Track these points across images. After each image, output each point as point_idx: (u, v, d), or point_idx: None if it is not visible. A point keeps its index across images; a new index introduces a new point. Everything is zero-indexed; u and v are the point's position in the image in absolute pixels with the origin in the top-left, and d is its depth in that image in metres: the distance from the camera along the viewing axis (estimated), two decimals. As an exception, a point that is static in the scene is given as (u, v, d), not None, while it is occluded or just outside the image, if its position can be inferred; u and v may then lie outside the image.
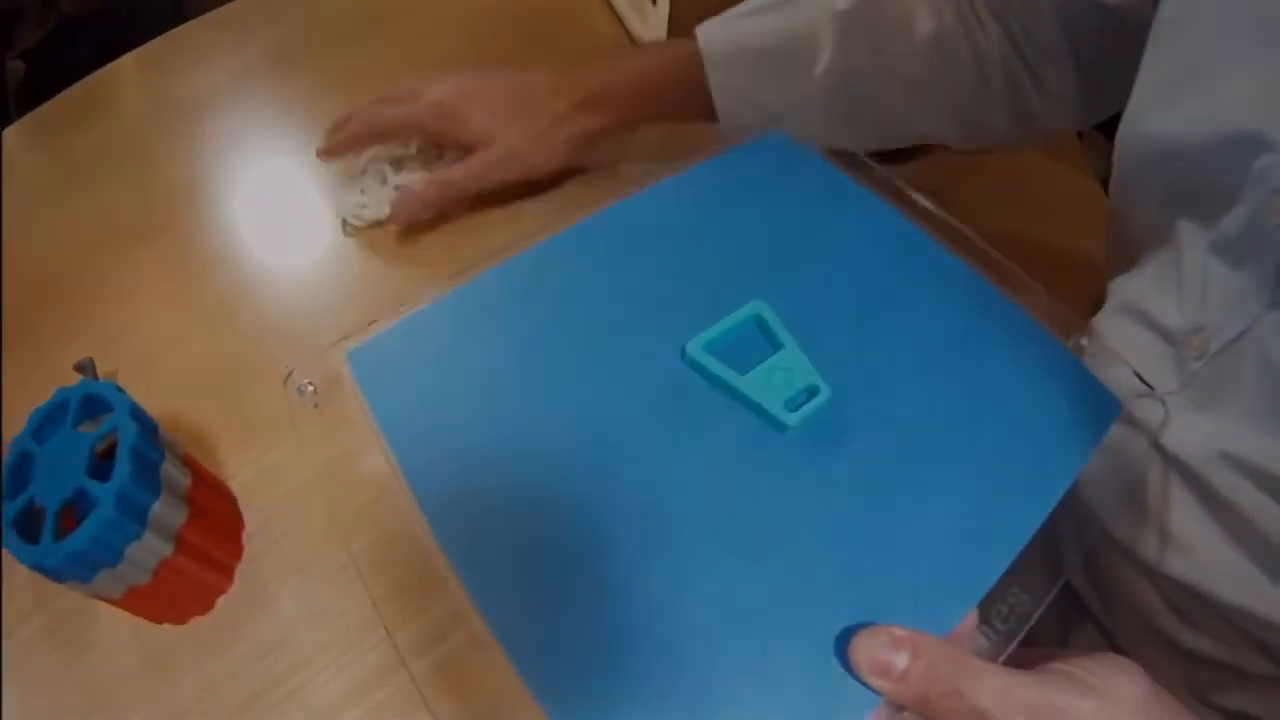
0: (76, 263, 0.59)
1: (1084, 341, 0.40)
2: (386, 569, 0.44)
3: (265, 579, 0.44)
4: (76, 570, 0.36)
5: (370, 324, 0.43)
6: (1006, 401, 0.37)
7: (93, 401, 0.39)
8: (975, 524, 0.33)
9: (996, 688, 0.27)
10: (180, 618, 0.43)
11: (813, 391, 0.35)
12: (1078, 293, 0.52)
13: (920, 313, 0.40)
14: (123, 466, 0.36)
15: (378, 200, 0.60)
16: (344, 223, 0.60)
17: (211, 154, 0.66)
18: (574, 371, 0.37)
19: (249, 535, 0.46)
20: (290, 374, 0.44)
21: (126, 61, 0.74)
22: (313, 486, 0.48)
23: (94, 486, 0.36)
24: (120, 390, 0.39)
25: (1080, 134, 0.76)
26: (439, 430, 0.37)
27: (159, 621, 0.43)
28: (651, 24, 0.71)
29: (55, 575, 0.36)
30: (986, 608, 0.33)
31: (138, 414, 0.39)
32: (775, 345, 0.37)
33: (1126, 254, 0.47)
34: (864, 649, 0.29)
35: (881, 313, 0.40)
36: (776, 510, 0.33)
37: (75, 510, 0.36)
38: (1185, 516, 0.40)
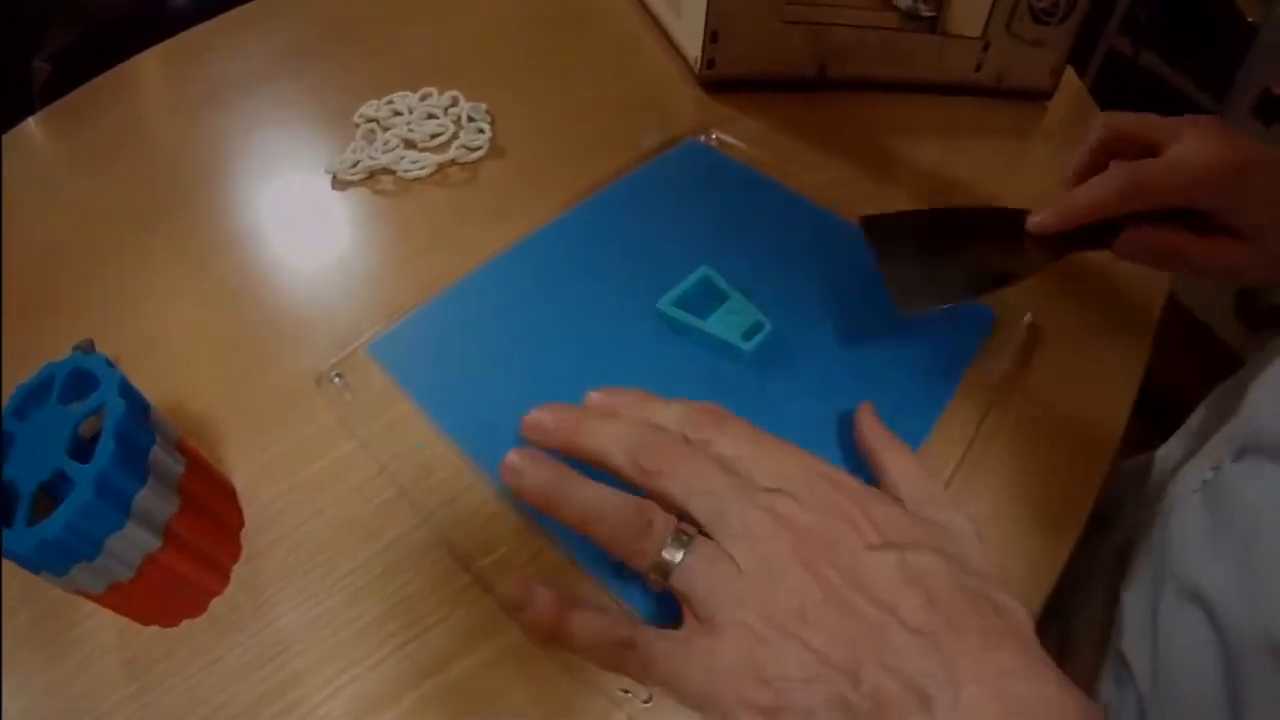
0: (82, 245, 0.57)
1: None
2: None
3: (264, 581, 0.40)
4: (50, 560, 0.32)
5: (381, 320, 0.50)
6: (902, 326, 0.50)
7: (82, 378, 0.36)
8: (893, 411, 0.43)
9: None
10: (169, 620, 0.39)
11: (758, 326, 0.49)
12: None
13: (827, 263, 0.54)
14: (105, 447, 0.32)
15: (366, 155, 0.61)
16: (333, 178, 0.61)
17: (224, 143, 0.65)
18: (570, 330, 0.50)
19: (248, 533, 0.42)
20: (324, 375, 0.48)
21: (146, 58, 0.73)
22: (321, 483, 0.44)
23: (73, 468, 0.32)
24: (111, 365, 0.35)
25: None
26: (468, 394, 0.47)
27: (146, 623, 0.39)
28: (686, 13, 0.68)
29: (29, 564, 0.32)
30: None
31: (127, 391, 0.35)
32: (723, 298, 0.50)
33: None
34: None
35: (799, 266, 0.54)
36: (742, 408, 0.40)
37: (56, 496, 0.33)
38: None
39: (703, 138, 0.63)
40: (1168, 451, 0.51)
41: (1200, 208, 0.43)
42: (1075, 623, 0.47)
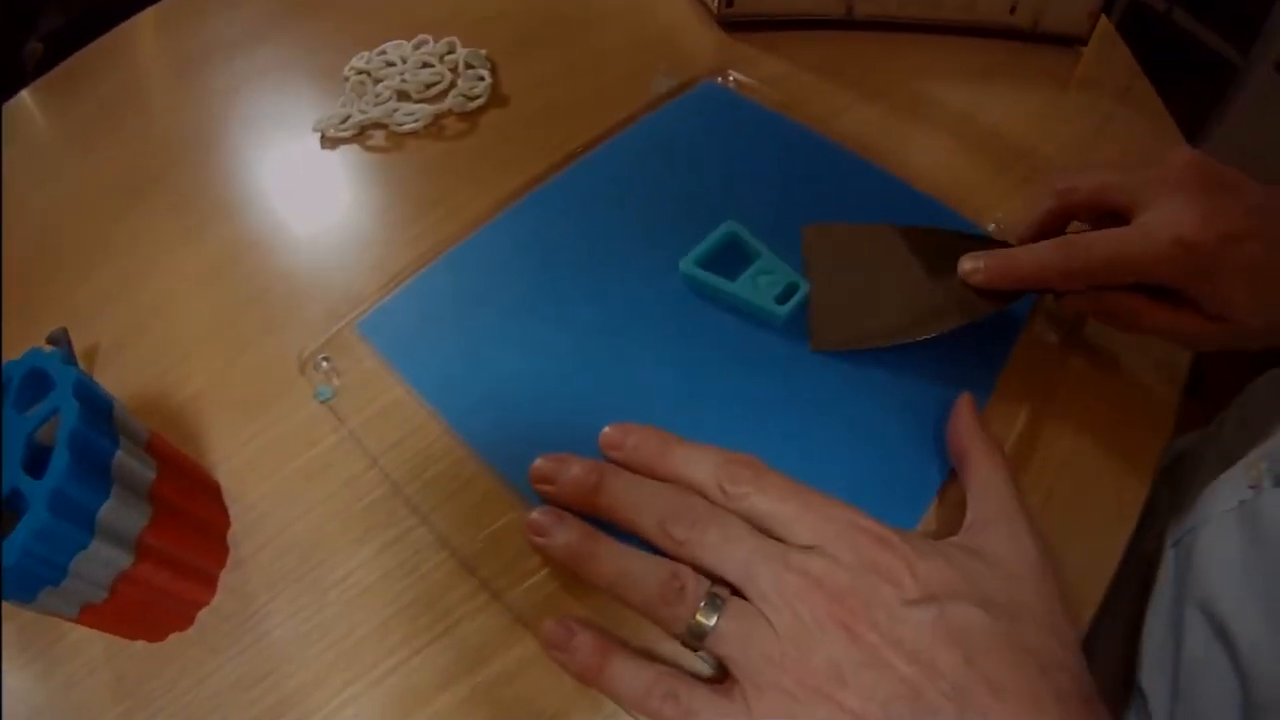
0: (60, 229, 0.53)
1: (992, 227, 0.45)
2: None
3: (254, 589, 0.37)
4: (13, 590, 0.28)
5: (371, 294, 0.46)
6: None
7: (40, 378, 0.32)
8: (926, 390, 0.42)
9: None
10: (155, 635, 0.35)
11: (793, 288, 0.44)
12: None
13: (866, 215, 0.48)
14: (59, 459, 0.28)
15: (356, 109, 0.57)
16: (322, 136, 0.56)
17: (211, 107, 0.61)
18: (581, 298, 0.45)
19: (235, 535, 0.38)
20: (309, 359, 0.44)
21: (146, 16, 0.69)
22: (310, 474, 0.40)
23: (28, 484, 0.28)
24: (67, 362, 0.31)
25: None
26: (462, 370, 0.43)
27: (131, 639, 0.35)
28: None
29: (-12, 594, 0.29)
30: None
31: (84, 391, 0.31)
32: (752, 256, 0.45)
33: None
34: None
35: (835, 219, 0.48)
36: (776, 381, 0.42)
37: (16, 510, 0.29)
38: None
39: (720, 79, 0.58)
40: (1198, 452, 0.47)
41: (1162, 285, 0.38)
42: (1095, 645, 0.44)
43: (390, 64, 0.59)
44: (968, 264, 0.42)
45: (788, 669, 0.29)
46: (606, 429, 0.38)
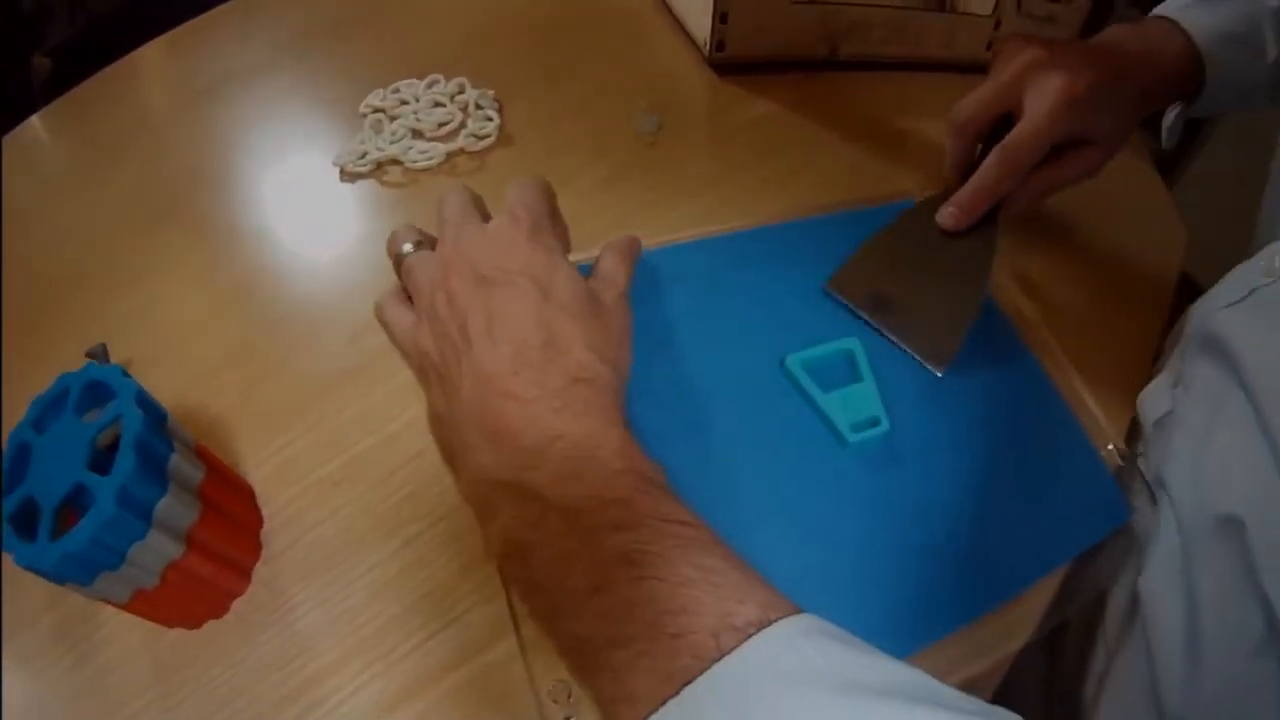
0: (91, 248, 0.57)
1: (1110, 448, 0.47)
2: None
3: (285, 581, 0.41)
4: (75, 572, 0.32)
5: None
6: (1026, 487, 0.45)
7: (97, 388, 0.36)
8: (964, 574, 0.42)
9: None
10: (193, 622, 0.39)
11: (875, 421, 0.45)
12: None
13: (984, 391, 0.48)
14: (125, 459, 0.32)
15: (374, 145, 0.60)
16: (341, 170, 0.60)
17: (231, 136, 0.64)
18: (689, 361, 0.46)
19: (268, 533, 0.42)
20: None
21: (150, 49, 0.72)
22: (338, 480, 0.44)
23: (94, 481, 0.32)
24: (126, 375, 0.35)
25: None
26: None
27: (170, 626, 0.39)
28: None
29: (53, 577, 0.32)
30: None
31: (144, 401, 0.35)
32: (856, 378, 0.46)
33: None
34: None
35: (950, 381, 0.48)
36: (825, 501, 0.43)
37: (76, 507, 0.33)
38: None
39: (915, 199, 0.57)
40: None
41: (1063, 140, 0.48)
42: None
43: (404, 102, 0.64)
44: (941, 215, 0.51)
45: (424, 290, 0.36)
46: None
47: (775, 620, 0.26)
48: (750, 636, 0.25)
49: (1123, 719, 0.44)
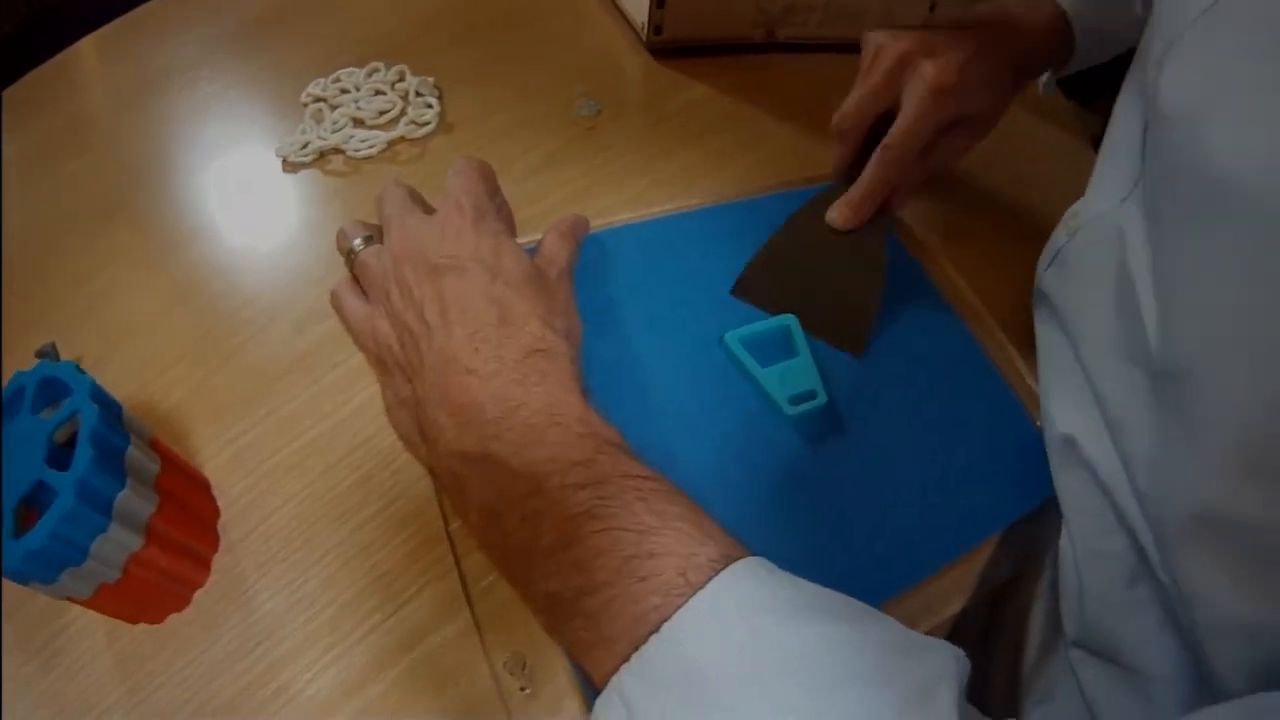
0: (36, 248, 0.56)
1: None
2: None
3: (244, 569, 0.42)
4: (39, 570, 0.33)
5: None
6: (961, 454, 0.48)
7: (52, 385, 0.36)
8: (904, 541, 0.44)
9: None
10: (156, 616, 0.40)
11: (812, 395, 0.47)
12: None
13: (917, 362, 0.51)
14: (83, 453, 0.33)
15: (316, 135, 0.61)
16: (283, 161, 0.60)
17: (174, 131, 0.64)
18: (631, 341, 0.49)
19: (225, 524, 0.43)
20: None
21: (88, 43, 0.71)
22: (290, 468, 0.45)
23: (53, 477, 0.33)
24: (80, 371, 0.36)
25: (1069, 95, 0.74)
26: None
27: (134, 621, 0.40)
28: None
29: (18, 577, 0.33)
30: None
31: (99, 395, 0.36)
32: (793, 353, 0.49)
33: None
34: None
35: (881, 354, 0.51)
36: (766, 473, 0.45)
37: (36, 505, 0.34)
38: None
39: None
40: None
41: (947, 123, 0.50)
42: None
43: (345, 91, 0.64)
44: (833, 214, 0.53)
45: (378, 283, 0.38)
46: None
47: (739, 558, 0.28)
48: (718, 572, 0.27)
49: (1040, 652, 0.47)
